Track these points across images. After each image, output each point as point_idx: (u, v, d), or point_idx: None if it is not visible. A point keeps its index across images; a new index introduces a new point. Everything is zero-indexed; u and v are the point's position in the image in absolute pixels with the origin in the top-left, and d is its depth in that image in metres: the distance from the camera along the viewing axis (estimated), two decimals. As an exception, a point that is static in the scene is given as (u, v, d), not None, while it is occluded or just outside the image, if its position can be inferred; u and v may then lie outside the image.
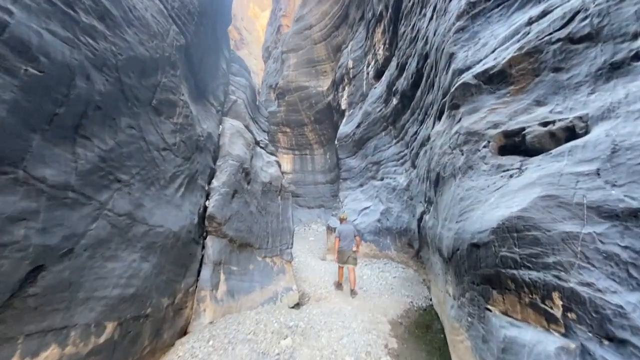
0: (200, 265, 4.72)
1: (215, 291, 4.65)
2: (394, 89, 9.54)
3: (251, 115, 9.18)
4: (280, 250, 6.82)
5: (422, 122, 7.56)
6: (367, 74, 12.77)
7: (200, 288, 4.52)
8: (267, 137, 11.00)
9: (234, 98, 8.19)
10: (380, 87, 11.15)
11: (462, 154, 3.68)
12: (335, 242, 7.09)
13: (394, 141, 9.99)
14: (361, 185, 11.90)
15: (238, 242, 5.51)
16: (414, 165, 8.08)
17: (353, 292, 6.50)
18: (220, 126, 6.70)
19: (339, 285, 7.03)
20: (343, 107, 15.27)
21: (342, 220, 7.51)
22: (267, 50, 36.33)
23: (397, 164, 9.50)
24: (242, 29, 54.31)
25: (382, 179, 10.23)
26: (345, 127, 14.02)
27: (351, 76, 14.31)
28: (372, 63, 12.23)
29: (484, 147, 3.32)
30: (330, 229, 11.24)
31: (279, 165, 8.22)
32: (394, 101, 9.51)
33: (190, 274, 4.38)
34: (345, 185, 12.98)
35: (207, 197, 5.24)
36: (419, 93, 7.63)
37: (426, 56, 6.75)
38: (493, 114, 3.35)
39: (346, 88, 15.15)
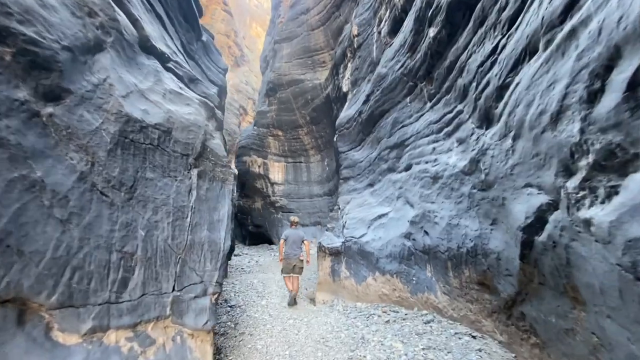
0: None
1: None
2: (430, 13, 5.55)
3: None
4: (178, 302, 2.52)
5: (507, 33, 3.56)
6: (379, 34, 8.88)
7: None
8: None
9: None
10: (401, 35, 7.18)
11: None
12: (280, 245, 6.39)
13: (430, 104, 5.87)
14: (371, 185, 7.65)
15: None
16: (487, 121, 3.94)
17: (293, 300, 5.85)
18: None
19: (292, 297, 5.95)
20: (345, 89, 11.32)
21: (292, 224, 6.76)
22: (265, 60, 33.11)
23: (437, 137, 5.32)
24: (243, 46, 52.22)
25: (408, 168, 6.00)
26: (348, 111, 9.98)
27: (356, 46, 10.43)
28: (387, 15, 8.37)
29: None
30: (324, 250, 6.87)
31: (212, 113, 4.00)
32: (432, 32, 5.49)
33: None
34: (347, 186, 8.73)
35: None
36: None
37: None
38: None
39: (348, 65, 11.27)
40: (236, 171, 22.61)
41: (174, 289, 2.57)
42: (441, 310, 4.37)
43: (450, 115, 5.06)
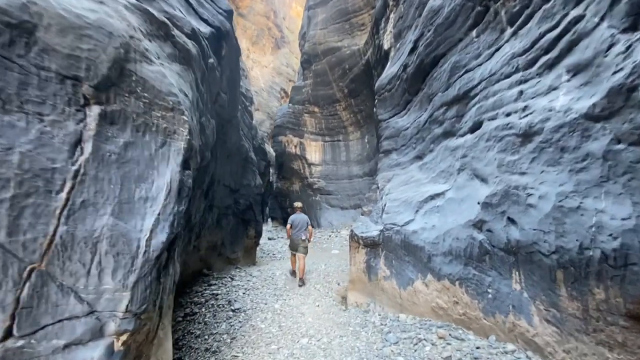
0: None
1: None
2: None
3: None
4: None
5: None
6: (430, -37, 6.77)
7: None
8: None
9: None
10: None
11: None
12: (288, 230, 6.84)
13: (511, 30, 3.94)
14: (419, 157, 5.84)
15: None
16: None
17: (301, 280, 6.26)
18: None
19: (293, 273, 6.88)
20: (386, 46, 9.34)
21: (296, 209, 7.22)
22: (304, 38, 31.64)
23: (527, 74, 3.42)
24: (284, 27, 50.85)
25: (476, 127, 4.16)
26: (390, 69, 8.08)
27: (400, -10, 8.35)
28: None
29: None
30: (356, 239, 5.34)
31: (163, 31, 2.50)
32: None
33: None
34: (388, 161, 6.99)
35: None
36: None
37: None
38: None
39: (391, 17, 9.23)
40: (273, 153, 21.66)
41: (9, 335, 1.28)
42: (541, 349, 2.64)
43: (553, 34, 3.11)
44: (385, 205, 5.30)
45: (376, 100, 8.40)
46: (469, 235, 3.47)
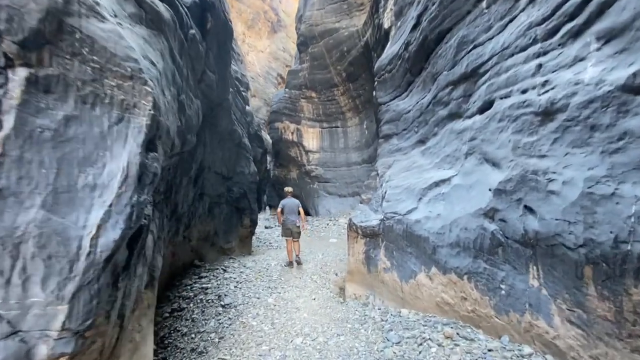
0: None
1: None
2: None
3: None
4: None
5: None
6: None
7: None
8: None
9: None
10: None
11: None
12: (278, 215, 6.82)
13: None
14: (422, 142, 5.48)
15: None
16: None
17: (297, 261, 6.55)
18: None
19: (290, 264, 6.62)
20: (387, 24, 8.82)
21: (287, 193, 7.21)
22: (300, 20, 30.69)
23: (547, 45, 3.03)
24: (280, 10, 49.36)
25: (486, 108, 3.78)
26: (391, 49, 7.62)
27: (401, -37, 7.78)
28: None
29: None
30: (355, 229, 5.04)
31: None
32: None
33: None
34: (388, 146, 6.62)
35: None
36: None
37: None
38: None
39: (392, -7, 8.67)
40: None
41: None
42: (563, 353, 2.35)
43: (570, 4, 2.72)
44: (385, 192, 4.97)
45: (376, 83, 7.95)
46: (479, 225, 3.15)
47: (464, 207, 3.42)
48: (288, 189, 7.41)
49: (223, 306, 4.01)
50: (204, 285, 4.79)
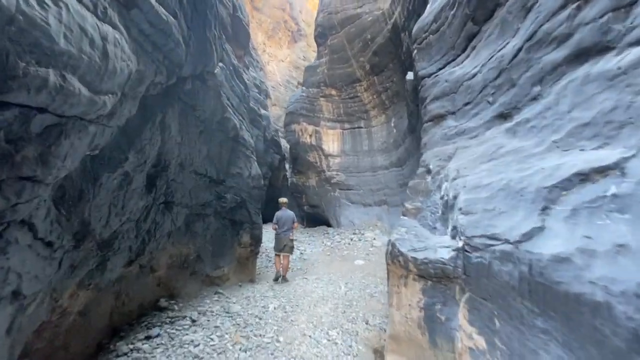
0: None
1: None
2: None
3: None
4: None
5: None
6: None
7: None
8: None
9: None
10: None
11: None
12: (273, 228, 6.61)
13: None
14: (503, 116, 3.26)
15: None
16: None
17: (283, 278, 6.17)
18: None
19: (276, 279, 6.21)
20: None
21: (282, 205, 6.88)
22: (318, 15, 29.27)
23: None
24: (300, 19, 48.73)
25: None
26: (434, 5, 5.51)
27: None
28: None
29: None
30: (400, 260, 2.83)
31: None
32: None
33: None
34: (441, 130, 4.43)
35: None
36: None
37: None
38: None
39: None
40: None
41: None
42: None
43: None
44: (457, 198, 2.76)
45: (415, 52, 5.83)
46: None
47: None
48: (282, 200, 7.07)
49: None
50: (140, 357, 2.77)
